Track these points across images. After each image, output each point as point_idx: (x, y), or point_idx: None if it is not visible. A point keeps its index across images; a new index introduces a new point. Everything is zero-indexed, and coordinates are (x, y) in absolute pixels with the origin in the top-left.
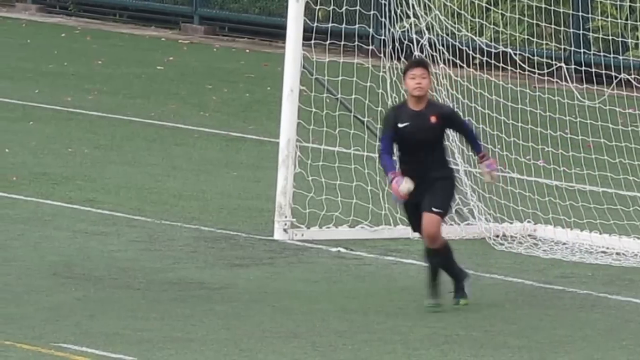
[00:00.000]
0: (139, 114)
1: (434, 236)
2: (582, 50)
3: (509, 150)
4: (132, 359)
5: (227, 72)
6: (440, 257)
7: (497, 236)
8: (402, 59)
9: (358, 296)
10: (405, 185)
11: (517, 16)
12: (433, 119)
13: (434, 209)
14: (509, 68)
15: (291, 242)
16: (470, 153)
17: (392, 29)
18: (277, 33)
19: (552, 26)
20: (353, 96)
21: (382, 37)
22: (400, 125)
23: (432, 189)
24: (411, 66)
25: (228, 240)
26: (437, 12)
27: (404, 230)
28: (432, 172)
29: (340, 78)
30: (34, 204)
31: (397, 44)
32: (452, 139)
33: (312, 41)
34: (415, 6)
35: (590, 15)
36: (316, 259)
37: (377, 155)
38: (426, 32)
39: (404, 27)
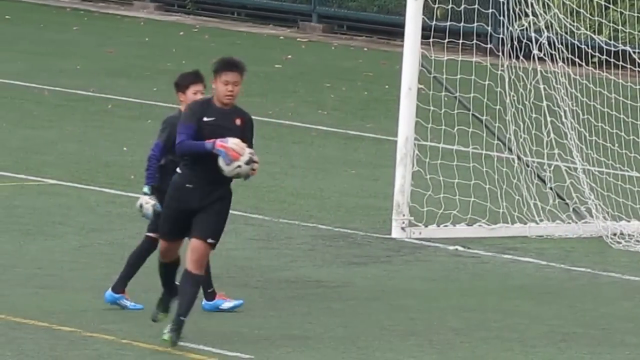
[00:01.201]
0: (256, 112)
1: (202, 265)
2: None
3: (627, 149)
4: (249, 357)
5: (345, 71)
6: (197, 282)
7: (615, 234)
8: (521, 57)
9: (475, 294)
10: (233, 140)
11: (636, 14)
12: (238, 121)
13: (209, 241)
14: (628, 66)
15: (409, 240)
16: (589, 151)
17: (510, 27)
18: (395, 31)
19: None
20: (471, 94)
21: (501, 36)
22: (205, 119)
23: (210, 211)
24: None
25: (345, 238)
26: (556, 10)
27: (522, 229)
28: (217, 185)
29: (458, 76)
30: None
31: (515, 43)
32: (571, 137)
33: (431, 39)
34: (534, 4)
35: None
36: (433, 257)
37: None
38: (545, 30)
39: (523, 25)
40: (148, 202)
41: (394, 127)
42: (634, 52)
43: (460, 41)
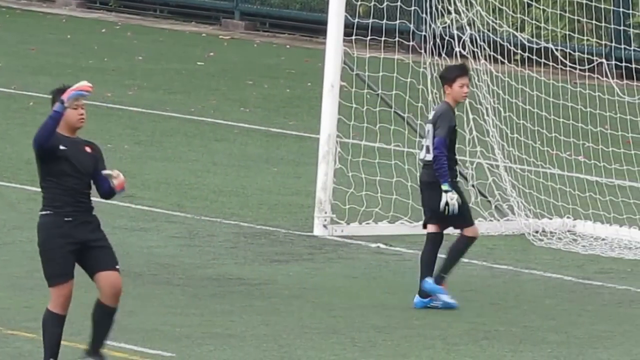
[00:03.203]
0: (179, 109)
1: (119, 294)
2: (622, 46)
3: (549, 146)
4: (171, 355)
5: (268, 68)
6: (113, 316)
7: (537, 232)
8: (444, 54)
9: (397, 292)
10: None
11: (558, 12)
12: (88, 149)
13: (117, 266)
14: (550, 64)
15: (331, 238)
16: (511, 149)
17: (433, 25)
18: (318, 29)
19: (593, 22)
20: (393, 92)
21: (423, 33)
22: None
23: (99, 241)
24: None
25: (268, 236)
26: (479, 7)
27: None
28: (92, 213)
29: (380, 74)
30: None
31: (438, 40)
32: (493, 135)
33: (353, 37)
34: (457, 2)
35: (630, 11)
36: (355, 254)
37: None
38: (467, 27)
39: (445, 22)
40: (452, 198)
41: (316, 124)
42: (556, 50)
43: (383, 38)
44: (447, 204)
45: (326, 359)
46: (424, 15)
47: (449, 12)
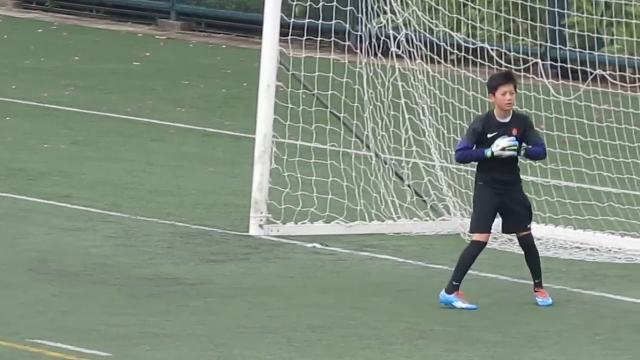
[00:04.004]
0: (115, 109)
1: None
2: (557, 46)
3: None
4: (107, 355)
5: (204, 68)
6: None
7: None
8: (379, 54)
9: (333, 291)
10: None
11: (493, 12)
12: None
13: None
14: (486, 64)
15: (267, 237)
16: (447, 149)
17: (368, 25)
18: (254, 29)
19: (528, 22)
20: (329, 92)
21: (359, 33)
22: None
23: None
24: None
25: (204, 236)
26: (414, 7)
27: (379, 226)
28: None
29: (316, 74)
30: (10, 199)
31: (373, 40)
32: (429, 134)
33: (289, 37)
34: (392, 2)
35: (565, 11)
36: (291, 254)
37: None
38: (403, 27)
39: (381, 22)
40: (497, 145)
41: (252, 124)
42: (492, 50)
43: (319, 38)
44: (503, 148)
45: (262, 359)
46: (359, 15)
47: (385, 12)
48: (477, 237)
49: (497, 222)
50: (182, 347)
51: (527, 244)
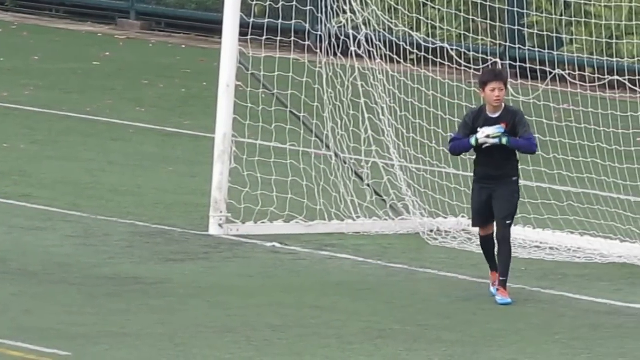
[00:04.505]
0: (75, 109)
1: None
2: (517, 46)
3: (445, 145)
4: (67, 354)
5: (164, 68)
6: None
7: (432, 231)
8: (339, 54)
9: (293, 291)
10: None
11: (453, 12)
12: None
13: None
14: (445, 63)
15: (226, 237)
16: (406, 148)
17: (328, 25)
18: (214, 28)
19: (488, 22)
20: (289, 92)
21: (319, 33)
22: None
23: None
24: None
25: (163, 235)
26: (374, 7)
27: (339, 225)
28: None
29: (276, 73)
30: None
31: (333, 40)
32: (388, 134)
33: (249, 37)
34: (352, 1)
35: (525, 11)
36: (251, 253)
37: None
38: (363, 27)
39: (341, 22)
40: (482, 133)
41: (212, 124)
42: (451, 49)
43: (279, 38)
44: (488, 136)
45: (222, 358)
46: (319, 14)
47: (345, 12)
48: (479, 231)
49: (457, 220)
50: (142, 346)
51: (499, 239)
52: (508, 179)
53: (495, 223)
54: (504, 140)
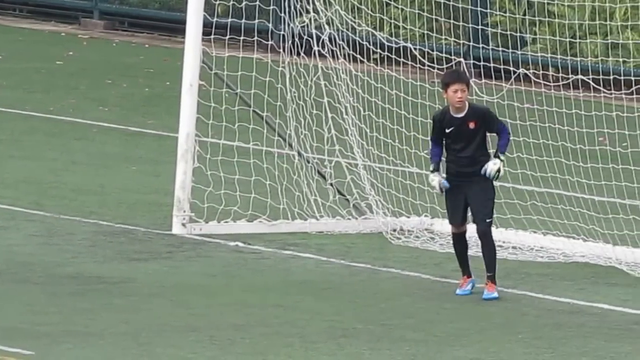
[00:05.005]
0: (38, 108)
1: None
2: (480, 45)
3: (408, 145)
4: (30, 353)
5: (127, 67)
6: None
7: (395, 230)
8: (302, 54)
9: (256, 290)
10: None
11: (416, 11)
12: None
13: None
14: (409, 63)
15: (190, 236)
16: (370, 147)
17: (291, 24)
18: (177, 28)
19: (451, 21)
20: (252, 91)
21: (282, 32)
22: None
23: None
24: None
25: (127, 234)
26: (337, 6)
27: (302, 225)
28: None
29: (239, 73)
30: None
31: (296, 39)
32: (352, 134)
33: (212, 36)
34: (315, 1)
35: (488, 11)
36: (214, 253)
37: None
38: (326, 26)
39: (304, 22)
40: (433, 180)
41: (175, 123)
42: (415, 49)
43: (242, 38)
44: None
45: (185, 357)
46: (282, 14)
47: (308, 11)
48: (451, 229)
49: (420, 219)
50: (106, 345)
51: (480, 235)
52: (481, 176)
53: (471, 221)
54: (501, 172)
